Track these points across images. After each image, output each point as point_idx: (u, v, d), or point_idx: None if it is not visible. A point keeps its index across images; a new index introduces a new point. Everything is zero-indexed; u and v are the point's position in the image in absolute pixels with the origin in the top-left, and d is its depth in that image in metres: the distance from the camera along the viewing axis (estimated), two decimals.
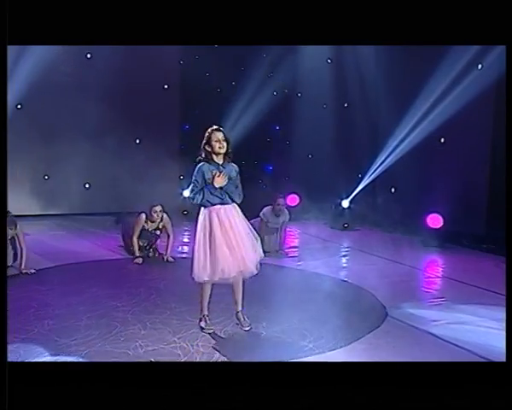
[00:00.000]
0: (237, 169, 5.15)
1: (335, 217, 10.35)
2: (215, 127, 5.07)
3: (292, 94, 11.52)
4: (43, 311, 5.70)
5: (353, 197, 10.46)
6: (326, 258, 8.34)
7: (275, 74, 11.37)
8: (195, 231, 5.09)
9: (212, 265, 4.95)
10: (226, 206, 5.03)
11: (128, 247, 8.05)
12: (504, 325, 4.46)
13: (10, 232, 7.01)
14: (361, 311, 5.99)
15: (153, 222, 7.79)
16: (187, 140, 11.00)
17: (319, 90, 10.92)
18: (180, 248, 8.79)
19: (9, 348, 4.67)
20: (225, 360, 4.63)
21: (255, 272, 5.13)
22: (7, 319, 3.85)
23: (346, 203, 10.44)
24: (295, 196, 10.89)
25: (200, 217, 5.05)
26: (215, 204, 4.98)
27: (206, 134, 5.02)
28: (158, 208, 7.74)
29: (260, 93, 11.24)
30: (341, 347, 4.97)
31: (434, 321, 5.77)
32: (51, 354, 4.63)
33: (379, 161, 10.01)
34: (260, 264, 5.29)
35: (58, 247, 8.69)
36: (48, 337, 4.99)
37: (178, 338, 5.01)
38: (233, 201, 5.08)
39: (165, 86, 11.30)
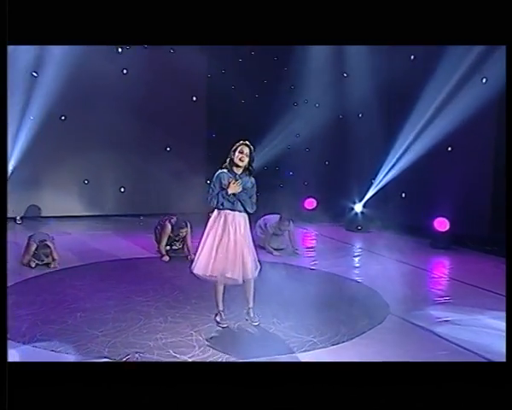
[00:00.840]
0: (253, 182, 5.20)
1: (350, 220, 10.33)
2: (244, 142, 5.12)
3: (310, 105, 11.53)
4: (76, 304, 5.86)
5: (366, 202, 10.42)
6: (339, 258, 8.36)
7: (295, 87, 11.40)
8: (204, 229, 5.17)
9: (211, 262, 5.02)
10: (236, 212, 5.10)
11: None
12: (504, 324, 4.32)
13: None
14: (365, 308, 5.99)
15: (177, 235, 7.98)
16: (213, 148, 11.11)
17: (336, 101, 10.92)
18: None
19: (45, 338, 4.91)
20: (232, 356, 4.66)
21: (250, 277, 5.17)
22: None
23: (359, 207, 10.39)
24: (313, 199, 10.92)
25: (211, 217, 5.14)
26: (226, 209, 5.07)
27: (235, 145, 5.09)
28: (184, 230, 7.91)
29: (282, 104, 11.30)
30: (343, 342, 5.01)
31: (436, 319, 5.73)
32: (81, 344, 4.77)
33: (390, 168, 9.97)
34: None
35: (94, 246, 8.82)
36: (79, 328, 5.15)
37: (195, 331, 5.13)
38: (245, 210, 5.14)
39: (194, 98, 11.39)
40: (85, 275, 7.07)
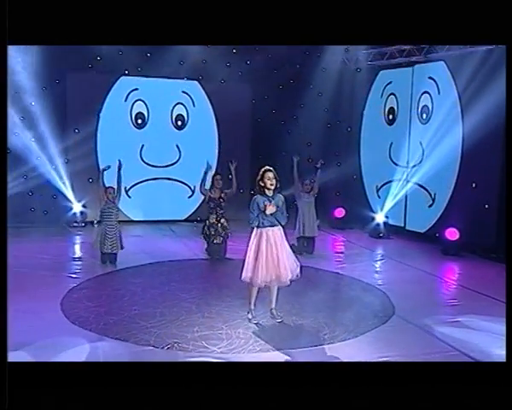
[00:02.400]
0: (283, 199, 5.45)
1: (372, 228, 10.33)
2: (267, 168, 5.34)
3: (342, 126, 11.64)
4: (132, 299, 6.17)
5: (387, 212, 10.46)
6: (358, 262, 8.34)
7: (328, 110, 11.48)
8: (248, 244, 5.41)
9: (255, 271, 5.29)
10: (274, 228, 5.35)
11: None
12: (500, 327, 4.18)
13: None
14: (373, 309, 6.05)
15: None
16: (256, 165, 11.38)
17: (365, 124, 11.09)
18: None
19: (106, 327, 5.22)
20: (254, 348, 4.84)
21: (288, 283, 5.41)
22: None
23: (381, 217, 10.41)
24: (342, 209, 11.01)
25: (253, 234, 5.38)
26: (266, 226, 5.33)
27: (260, 172, 5.32)
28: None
29: (317, 125, 11.44)
30: (349, 339, 5.14)
31: (437, 321, 5.66)
32: (133, 334, 5.06)
33: (404, 183, 10.04)
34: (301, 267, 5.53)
35: (157, 247, 9.02)
36: (132, 320, 5.47)
37: (226, 326, 5.35)
38: (279, 223, 5.40)
39: (240, 120, 11.53)
40: (142, 274, 7.35)
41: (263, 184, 5.29)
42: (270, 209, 5.26)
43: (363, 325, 5.53)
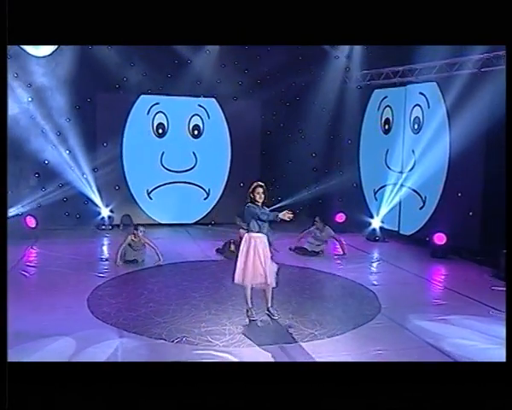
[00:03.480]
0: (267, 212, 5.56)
1: (370, 232, 10.46)
2: (259, 183, 5.51)
3: (344, 138, 11.75)
4: (149, 297, 6.40)
5: (383, 217, 10.55)
6: (357, 264, 8.42)
7: (331, 124, 11.55)
8: (239, 248, 5.62)
9: (244, 272, 5.47)
10: (261, 234, 5.51)
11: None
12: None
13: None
14: (361, 308, 6.17)
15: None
16: (266, 173, 11.57)
17: (364, 135, 11.23)
18: None
19: (125, 322, 5.44)
20: (254, 342, 4.99)
21: (274, 284, 5.57)
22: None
23: (376, 223, 10.52)
24: (343, 214, 11.11)
25: (243, 239, 5.60)
26: (257, 232, 5.49)
27: (253, 186, 5.51)
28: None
29: (320, 138, 11.55)
30: (337, 335, 5.29)
31: (418, 319, 5.72)
32: (148, 328, 5.29)
33: (396, 191, 10.20)
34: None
35: (173, 249, 9.08)
36: (148, 316, 5.71)
37: (229, 322, 5.56)
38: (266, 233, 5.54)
39: (251, 132, 11.70)
40: (159, 274, 7.56)
41: (253, 196, 5.49)
42: (287, 216, 5.34)
43: (351, 322, 5.67)
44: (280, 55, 10.54)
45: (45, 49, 7.51)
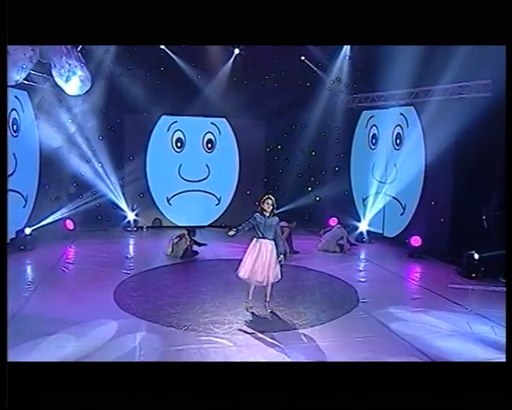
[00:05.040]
0: (277, 220, 5.83)
1: (358, 234, 10.61)
2: (269, 196, 5.74)
3: (337, 152, 11.99)
4: (163, 291, 6.57)
5: (370, 221, 10.76)
6: (346, 263, 8.58)
7: (340, 141, 11.78)
8: (247, 248, 5.85)
9: (249, 269, 5.70)
10: (267, 240, 5.70)
11: None
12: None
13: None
14: (342, 301, 6.35)
15: None
16: (269, 182, 11.94)
17: (354, 150, 11.46)
18: None
19: (143, 312, 5.65)
20: (249, 329, 5.19)
21: (277, 279, 5.78)
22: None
23: (364, 225, 10.70)
24: (335, 218, 11.30)
25: (252, 242, 5.78)
26: (260, 237, 5.74)
27: (264, 198, 5.71)
28: None
29: (317, 154, 11.96)
30: (318, 325, 5.49)
31: (394, 313, 5.85)
32: (161, 318, 5.50)
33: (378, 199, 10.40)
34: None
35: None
36: (162, 307, 5.94)
37: (230, 314, 5.76)
38: (271, 238, 5.74)
39: (255, 150, 11.99)
40: (174, 272, 7.77)
41: (262, 206, 5.77)
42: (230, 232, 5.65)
43: (332, 314, 5.89)
44: (286, 93, 10.99)
45: (77, 88, 7.89)
